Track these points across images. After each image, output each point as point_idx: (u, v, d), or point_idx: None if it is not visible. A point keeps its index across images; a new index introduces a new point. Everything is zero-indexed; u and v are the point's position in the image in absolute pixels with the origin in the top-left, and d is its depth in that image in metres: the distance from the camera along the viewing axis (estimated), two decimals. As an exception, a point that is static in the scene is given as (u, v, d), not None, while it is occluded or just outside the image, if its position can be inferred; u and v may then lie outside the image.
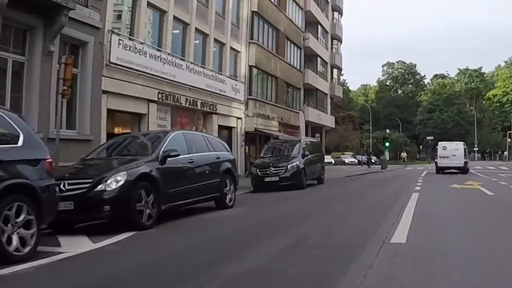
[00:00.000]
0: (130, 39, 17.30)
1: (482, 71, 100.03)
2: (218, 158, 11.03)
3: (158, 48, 19.26)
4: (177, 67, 20.09)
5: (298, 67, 36.15)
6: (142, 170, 8.33)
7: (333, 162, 57.98)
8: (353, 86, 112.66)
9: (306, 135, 33.05)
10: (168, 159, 8.96)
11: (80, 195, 7.60)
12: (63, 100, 11.52)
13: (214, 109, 23.41)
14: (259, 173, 17.33)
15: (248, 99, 27.18)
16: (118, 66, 16.28)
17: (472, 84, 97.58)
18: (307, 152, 18.77)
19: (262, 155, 19.46)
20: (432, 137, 66.53)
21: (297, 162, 17.58)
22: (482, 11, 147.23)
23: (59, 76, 11.39)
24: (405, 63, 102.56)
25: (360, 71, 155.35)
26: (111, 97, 16.12)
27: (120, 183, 7.77)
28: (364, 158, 48.12)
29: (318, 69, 40.57)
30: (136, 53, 17.35)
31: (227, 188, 11.16)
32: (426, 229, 7.31)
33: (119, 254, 6.26)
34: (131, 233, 7.61)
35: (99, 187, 7.68)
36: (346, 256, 5.35)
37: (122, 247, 6.74)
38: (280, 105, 31.94)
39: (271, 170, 17.17)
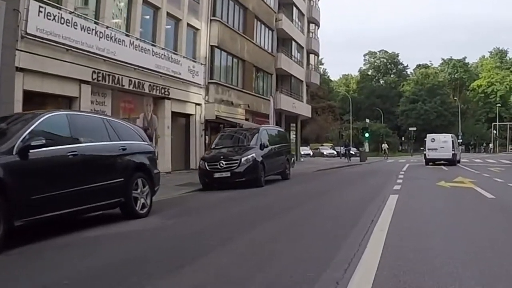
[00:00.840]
0: (55, 7, 14.51)
1: (466, 62, 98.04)
2: (124, 149, 8.09)
3: (95, 21, 16.47)
4: (117, 43, 17.30)
5: (269, 50, 33.08)
6: (-27, 168, 5.49)
7: (311, 153, 55.69)
8: (335, 77, 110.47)
9: (279, 124, 30.48)
10: (32, 151, 6.15)
11: None
12: None
13: (166, 93, 20.46)
14: (207, 167, 14.40)
15: (209, 83, 24.22)
16: (38, 39, 13.86)
17: (456, 74, 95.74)
18: (267, 143, 15.93)
19: (214, 145, 16.32)
20: (414, 128, 65.11)
21: (253, 155, 14.69)
22: (466, 3, 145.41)
23: None
24: (387, 52, 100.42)
25: (342, 61, 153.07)
26: (29, 76, 13.73)
27: None
28: (342, 149, 45.42)
29: (293, 53, 37.58)
30: (63, 23, 14.86)
31: (138, 191, 8.28)
32: (405, 278, 3.97)
33: None
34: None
35: None
36: None
37: None
38: (247, 91, 28.98)
39: (221, 164, 14.26)
